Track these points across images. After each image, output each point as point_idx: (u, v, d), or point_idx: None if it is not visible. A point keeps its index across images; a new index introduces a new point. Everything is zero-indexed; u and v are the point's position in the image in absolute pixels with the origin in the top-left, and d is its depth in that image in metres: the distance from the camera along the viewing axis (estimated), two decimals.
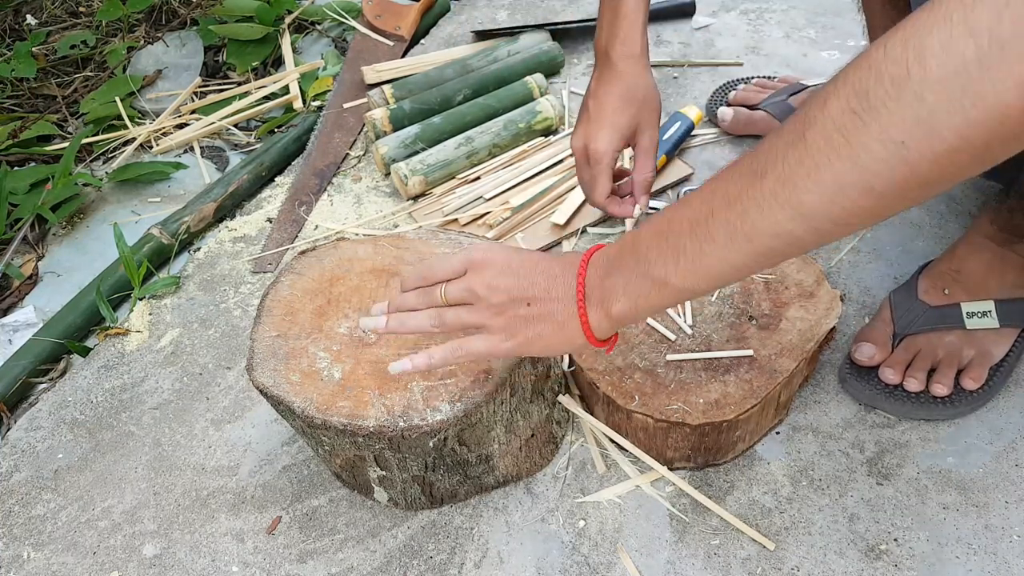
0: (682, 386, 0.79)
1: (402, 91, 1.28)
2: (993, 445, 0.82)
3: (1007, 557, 0.74)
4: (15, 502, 0.89)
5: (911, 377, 0.83)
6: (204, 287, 1.10)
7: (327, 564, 0.80)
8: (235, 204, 1.24)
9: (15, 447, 0.94)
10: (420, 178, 1.14)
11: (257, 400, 0.95)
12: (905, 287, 0.89)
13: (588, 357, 0.83)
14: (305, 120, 1.37)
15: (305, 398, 0.71)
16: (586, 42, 1.41)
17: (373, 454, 0.73)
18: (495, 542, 0.80)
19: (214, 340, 1.03)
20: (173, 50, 1.58)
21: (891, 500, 0.79)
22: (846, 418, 0.86)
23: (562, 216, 1.07)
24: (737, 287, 0.87)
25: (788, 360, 0.80)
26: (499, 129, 1.18)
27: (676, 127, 1.14)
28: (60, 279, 1.20)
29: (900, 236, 1.02)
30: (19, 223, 1.24)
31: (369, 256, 0.84)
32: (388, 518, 0.83)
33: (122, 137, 1.40)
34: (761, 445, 0.84)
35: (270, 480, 0.87)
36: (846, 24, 1.38)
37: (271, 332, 0.77)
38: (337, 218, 1.17)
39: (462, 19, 1.53)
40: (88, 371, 1.01)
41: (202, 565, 0.81)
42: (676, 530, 0.79)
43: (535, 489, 0.83)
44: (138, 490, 0.88)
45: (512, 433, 0.78)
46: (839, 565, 0.75)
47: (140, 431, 0.94)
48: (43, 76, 1.57)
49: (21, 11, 1.73)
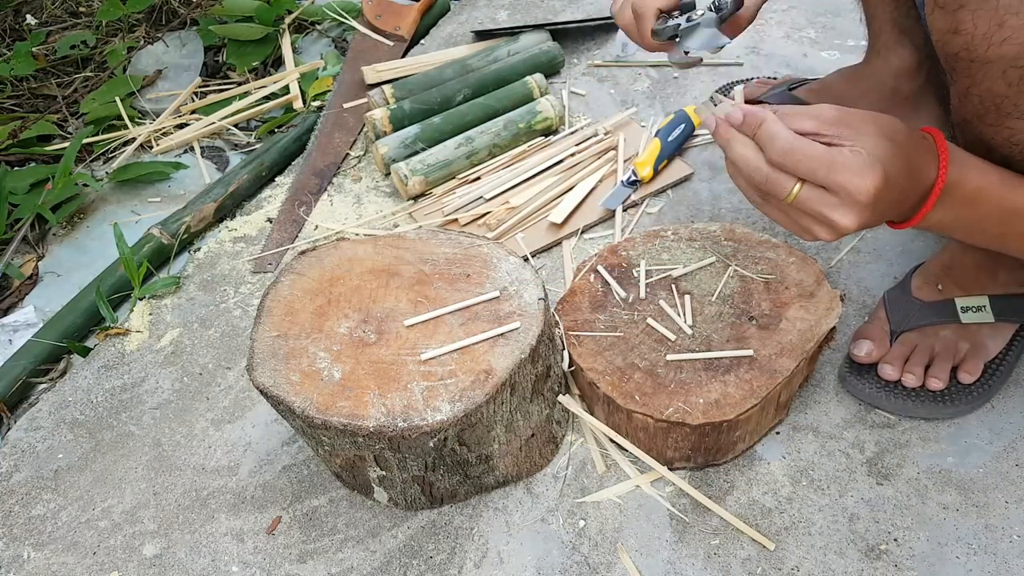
0: (682, 386, 0.79)
1: (402, 91, 1.28)
2: (993, 445, 0.82)
3: (1007, 557, 0.74)
4: (15, 502, 0.89)
5: (908, 372, 0.84)
6: (204, 287, 1.10)
7: (327, 564, 0.80)
8: (235, 204, 1.24)
9: (15, 447, 0.94)
10: (420, 178, 1.14)
11: (257, 400, 0.95)
12: (899, 286, 0.89)
13: (588, 357, 0.83)
14: (305, 120, 1.37)
15: (305, 398, 0.71)
16: (586, 42, 1.41)
17: (373, 454, 0.73)
18: (495, 542, 0.80)
19: (214, 340, 1.03)
20: (173, 50, 1.58)
21: (891, 500, 0.79)
22: (846, 418, 0.86)
23: (560, 215, 1.07)
24: (737, 287, 0.87)
25: (788, 360, 0.80)
26: (499, 129, 1.18)
27: (681, 128, 1.14)
28: (60, 279, 1.20)
29: (900, 236, 1.02)
30: (19, 223, 1.24)
31: (369, 256, 0.84)
32: (388, 518, 0.83)
33: (122, 137, 1.40)
34: (761, 445, 0.84)
35: (270, 480, 0.87)
36: (846, 24, 1.38)
37: (271, 332, 0.77)
38: (337, 218, 1.17)
39: (462, 19, 1.53)
40: (88, 371, 1.01)
41: (202, 565, 0.81)
42: (676, 530, 0.79)
43: (535, 489, 0.83)
44: (138, 490, 0.88)
45: (512, 433, 0.78)
46: (839, 565, 0.75)
47: (140, 431, 0.94)
48: (43, 76, 1.57)
49: (21, 11, 1.73)
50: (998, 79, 0.60)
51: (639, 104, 1.27)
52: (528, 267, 0.81)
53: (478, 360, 0.73)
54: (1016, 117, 0.61)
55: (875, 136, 0.59)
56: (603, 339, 0.84)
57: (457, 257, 0.83)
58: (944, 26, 0.60)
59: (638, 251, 0.93)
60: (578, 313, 0.87)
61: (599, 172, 1.14)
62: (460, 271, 0.81)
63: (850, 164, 0.58)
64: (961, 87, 0.64)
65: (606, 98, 1.29)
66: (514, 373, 0.72)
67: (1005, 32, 0.57)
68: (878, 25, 0.99)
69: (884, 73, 1.01)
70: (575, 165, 1.15)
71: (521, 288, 0.79)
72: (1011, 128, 0.62)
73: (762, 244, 0.91)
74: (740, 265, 0.89)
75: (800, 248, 0.98)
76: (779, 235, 1.04)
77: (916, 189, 0.62)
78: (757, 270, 0.89)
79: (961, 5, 0.58)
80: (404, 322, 0.77)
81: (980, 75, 0.61)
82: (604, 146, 1.17)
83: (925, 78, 0.99)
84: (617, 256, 0.93)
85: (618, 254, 0.93)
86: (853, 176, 0.58)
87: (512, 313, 0.77)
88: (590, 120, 1.23)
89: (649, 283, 0.89)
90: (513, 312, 0.77)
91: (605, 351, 0.83)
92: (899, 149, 0.60)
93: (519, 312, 0.77)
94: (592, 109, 1.27)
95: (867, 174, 0.57)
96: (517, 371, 0.73)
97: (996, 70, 0.59)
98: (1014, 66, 0.58)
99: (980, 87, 0.62)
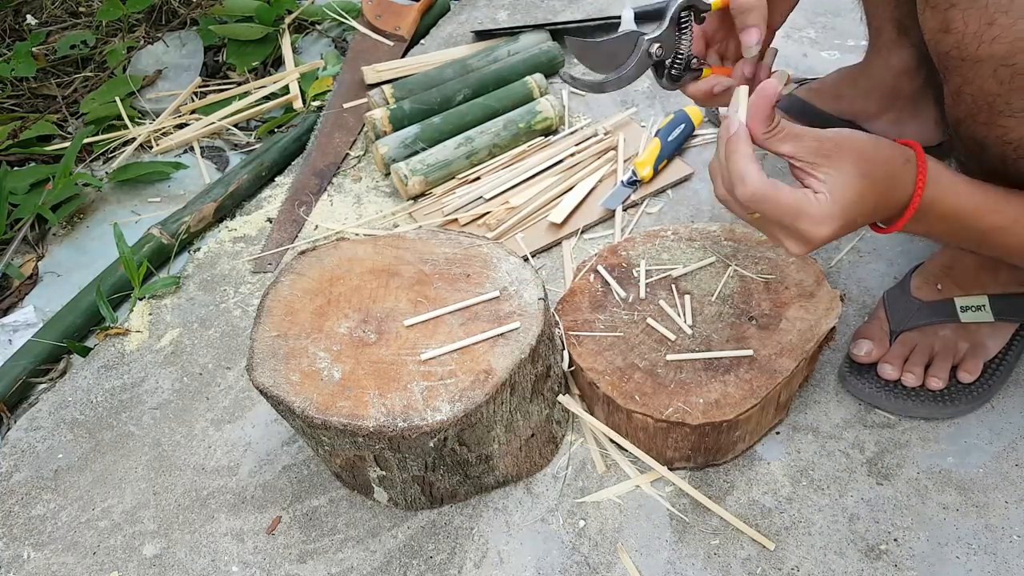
0: (682, 386, 0.79)
1: (402, 91, 1.28)
2: (993, 445, 0.82)
3: (1007, 557, 0.74)
4: (15, 502, 0.89)
5: (908, 372, 0.84)
6: (204, 287, 1.10)
7: (327, 564, 0.80)
8: (235, 204, 1.24)
9: (15, 447, 0.94)
10: (420, 178, 1.13)
11: (257, 400, 0.95)
12: (898, 286, 0.89)
13: (588, 357, 0.83)
14: (305, 120, 1.37)
15: (305, 398, 0.71)
16: None
17: (373, 454, 0.73)
18: (495, 542, 0.80)
19: (214, 340, 1.03)
20: (173, 50, 1.58)
21: (891, 500, 0.79)
22: (846, 418, 0.86)
23: (559, 215, 1.07)
24: (737, 287, 0.87)
25: (788, 360, 0.80)
26: (499, 129, 1.18)
27: (681, 128, 1.14)
28: (60, 279, 1.20)
29: (900, 236, 1.02)
30: (19, 223, 1.24)
31: (369, 256, 0.84)
32: (388, 518, 0.83)
33: (122, 137, 1.40)
34: (761, 445, 0.84)
35: (270, 480, 0.87)
36: (846, 24, 1.38)
37: (271, 332, 0.77)
38: (337, 218, 1.17)
39: (462, 19, 1.53)
40: (88, 371, 1.01)
41: (202, 565, 0.81)
42: (676, 530, 0.79)
43: (535, 489, 0.83)
44: (138, 490, 0.88)
45: (512, 433, 0.78)
46: (839, 565, 0.75)
47: (140, 431, 0.94)
48: (43, 76, 1.57)
49: (21, 11, 1.73)
50: (989, 77, 0.60)
51: (639, 104, 1.27)
52: (528, 267, 0.81)
53: (478, 360, 0.73)
54: (1008, 115, 0.62)
55: (849, 169, 0.61)
56: (603, 339, 0.84)
57: (457, 257, 0.83)
58: (935, 25, 0.61)
59: (638, 251, 0.93)
60: (578, 313, 0.87)
61: (599, 172, 1.14)
62: (460, 271, 0.81)
63: (812, 214, 0.60)
64: (954, 86, 0.64)
65: (606, 98, 1.29)
66: (514, 373, 0.72)
67: (995, 31, 0.57)
68: (878, 24, 0.99)
69: (884, 73, 1.01)
70: (575, 165, 1.15)
71: (521, 288, 0.79)
72: (1004, 126, 0.63)
73: (762, 244, 0.91)
74: (740, 265, 0.89)
75: None
76: None
77: (893, 202, 0.64)
78: (757, 270, 0.89)
79: (951, 4, 0.59)
80: (404, 322, 0.77)
81: (972, 74, 0.61)
82: (604, 146, 1.17)
83: (925, 78, 0.99)
84: (617, 256, 0.93)
85: (618, 254, 0.93)
86: (812, 225, 0.61)
87: (512, 313, 0.77)
88: (590, 120, 1.23)
89: (649, 283, 0.89)
90: (513, 312, 0.77)
91: (605, 351, 0.83)
92: (870, 181, 0.62)
93: (519, 312, 0.77)
94: (592, 109, 1.27)
95: (825, 224, 0.61)
96: (517, 371, 0.73)
97: (987, 68, 0.60)
98: (1005, 64, 0.58)
99: (972, 86, 0.62)
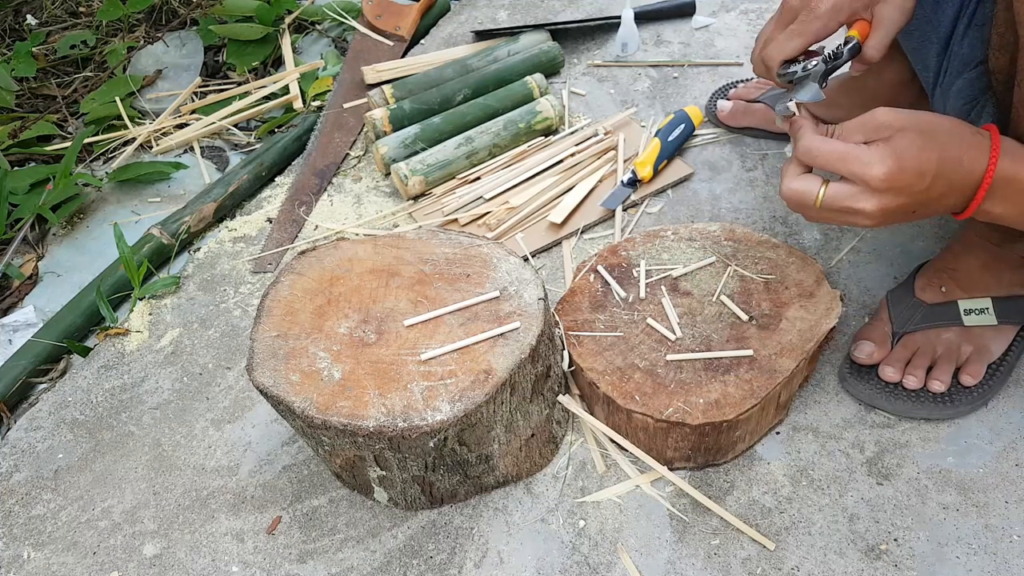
0: (682, 386, 0.79)
1: (402, 91, 1.28)
2: (993, 445, 0.82)
3: (1007, 557, 0.74)
4: (15, 502, 0.89)
5: (910, 375, 0.83)
6: (204, 287, 1.10)
7: (327, 564, 0.80)
8: (235, 204, 1.24)
9: (15, 447, 0.94)
10: (420, 178, 1.14)
11: (257, 400, 0.95)
12: (902, 286, 0.89)
13: (588, 357, 0.83)
14: (305, 120, 1.37)
15: (305, 398, 0.71)
16: (586, 42, 1.41)
17: (373, 454, 0.73)
18: (495, 542, 0.80)
19: (214, 340, 1.03)
20: (173, 50, 1.58)
21: (891, 500, 0.79)
22: (846, 418, 0.86)
23: (559, 215, 1.07)
24: (737, 287, 0.87)
25: (788, 360, 0.80)
26: (499, 129, 1.18)
27: (681, 128, 1.14)
28: (60, 279, 1.20)
29: (900, 236, 1.02)
30: (19, 223, 1.24)
31: (369, 256, 0.84)
32: (388, 518, 0.83)
33: (122, 137, 1.40)
34: (761, 445, 0.84)
35: (270, 480, 0.87)
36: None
37: (271, 332, 0.77)
38: (337, 218, 1.17)
39: (462, 19, 1.53)
40: (88, 371, 1.01)
41: (202, 565, 0.81)
42: (676, 530, 0.79)
43: (535, 489, 0.83)
44: (138, 490, 0.88)
45: (512, 433, 0.78)
46: (839, 565, 0.75)
47: (140, 431, 0.94)
48: (43, 76, 1.57)
49: (21, 11, 1.73)
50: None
51: (639, 104, 1.27)
52: (528, 267, 0.81)
53: (478, 360, 0.73)
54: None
55: (911, 133, 0.63)
56: (603, 339, 0.84)
57: (457, 257, 0.83)
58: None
59: (638, 251, 0.93)
60: (578, 313, 0.87)
61: (599, 172, 1.14)
62: (460, 271, 0.81)
63: (861, 155, 0.63)
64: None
65: (606, 98, 1.29)
66: (514, 373, 0.72)
67: None
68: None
69: (879, 86, 1.01)
70: (575, 165, 1.15)
71: (521, 288, 0.79)
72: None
73: (762, 244, 0.91)
74: (740, 265, 0.89)
75: (800, 248, 0.98)
76: (779, 235, 1.04)
77: (963, 181, 0.64)
78: (757, 270, 0.89)
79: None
80: (404, 322, 0.77)
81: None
82: (604, 146, 1.17)
83: (920, 89, 0.99)
84: (617, 256, 0.93)
85: (618, 254, 0.93)
86: (863, 165, 0.62)
87: (512, 313, 0.77)
88: (590, 120, 1.23)
89: (649, 283, 0.89)
90: (513, 312, 0.77)
91: (605, 351, 0.83)
92: (933, 141, 0.63)
93: (519, 312, 0.77)
94: (592, 109, 1.27)
95: (876, 163, 0.62)
96: (517, 371, 0.73)
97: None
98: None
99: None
